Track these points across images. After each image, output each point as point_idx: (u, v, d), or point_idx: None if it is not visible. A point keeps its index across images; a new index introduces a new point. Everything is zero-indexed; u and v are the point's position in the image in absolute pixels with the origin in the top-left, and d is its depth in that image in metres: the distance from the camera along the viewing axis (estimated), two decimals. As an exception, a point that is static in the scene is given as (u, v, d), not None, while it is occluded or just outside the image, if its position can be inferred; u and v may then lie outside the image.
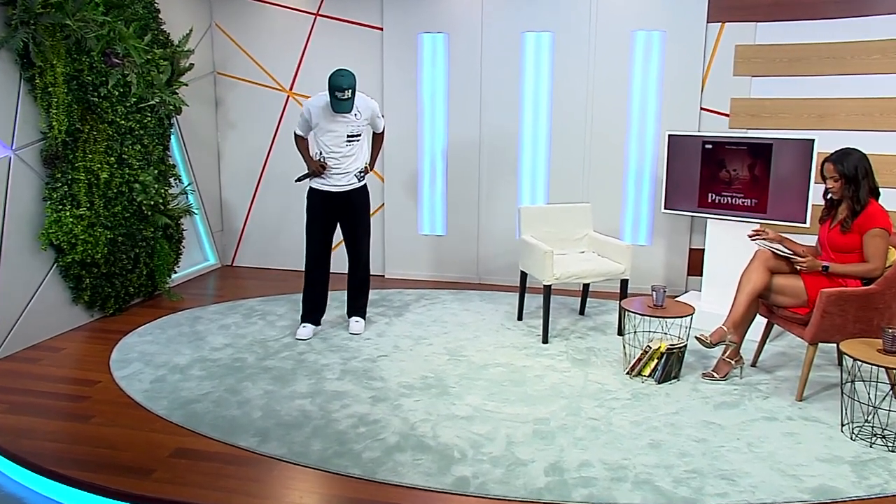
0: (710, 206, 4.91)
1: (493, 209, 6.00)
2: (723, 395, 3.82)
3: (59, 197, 4.58)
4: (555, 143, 5.78)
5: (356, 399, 3.76)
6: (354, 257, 4.77)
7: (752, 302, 3.87)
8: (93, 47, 4.60)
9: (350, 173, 4.55)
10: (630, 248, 4.73)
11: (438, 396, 3.79)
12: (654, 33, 5.46)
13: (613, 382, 3.98)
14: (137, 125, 5.13)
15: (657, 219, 5.67)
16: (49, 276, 4.66)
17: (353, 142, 4.51)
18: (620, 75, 5.56)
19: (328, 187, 4.56)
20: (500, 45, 5.73)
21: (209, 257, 6.57)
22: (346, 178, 4.55)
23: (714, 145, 4.84)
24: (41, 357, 4.37)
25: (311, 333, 4.73)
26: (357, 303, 4.90)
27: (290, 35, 6.19)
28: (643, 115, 5.59)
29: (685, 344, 4.00)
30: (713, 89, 5.41)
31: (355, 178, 4.58)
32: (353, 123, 4.46)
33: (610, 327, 4.93)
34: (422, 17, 5.84)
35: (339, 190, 4.56)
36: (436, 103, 5.97)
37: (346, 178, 4.55)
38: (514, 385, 3.94)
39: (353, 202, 4.62)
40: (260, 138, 6.43)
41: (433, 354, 4.42)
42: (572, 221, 5.13)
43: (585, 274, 4.69)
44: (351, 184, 4.58)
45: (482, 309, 5.36)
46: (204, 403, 3.70)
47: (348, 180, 4.56)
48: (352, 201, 4.62)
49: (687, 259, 5.68)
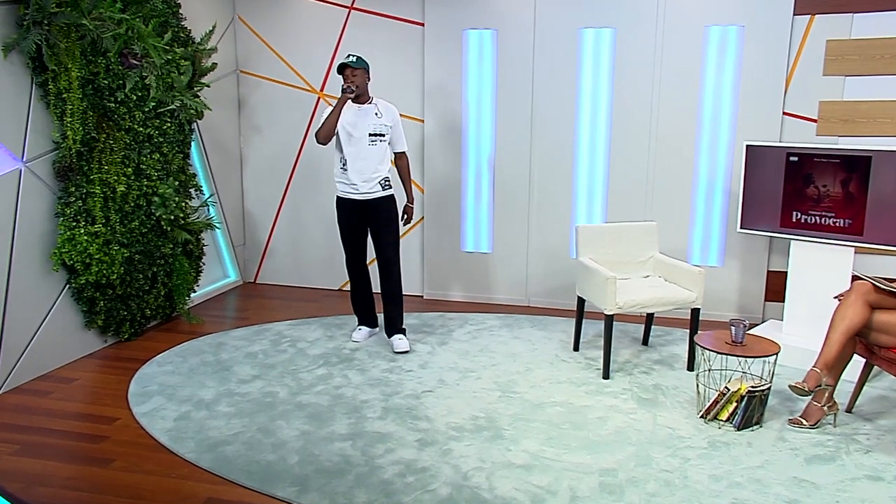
0: (795, 226, 4.83)
1: (545, 224, 5.98)
2: (815, 446, 3.74)
3: (73, 213, 4.64)
4: (615, 152, 5.74)
5: (401, 442, 3.75)
6: (384, 268, 5.05)
7: (847, 341, 3.79)
8: (109, 48, 4.66)
9: (374, 180, 4.85)
10: (702, 273, 4.66)
11: (491, 440, 3.77)
12: (730, 28, 5.40)
13: (686, 427, 3.92)
14: (156, 132, 5.18)
15: (730, 237, 5.60)
16: (60, 298, 4.73)
17: (376, 143, 4.84)
18: (691, 77, 5.51)
19: (353, 195, 4.88)
20: (555, 43, 5.71)
21: (230, 274, 6.63)
22: (370, 185, 4.86)
23: (800, 157, 4.77)
24: (52, 389, 4.43)
25: (366, 336, 5.28)
26: (394, 319, 5.10)
27: (320, 30, 6.23)
28: (716, 122, 5.53)
29: (769, 385, 3.93)
30: (799, 91, 5.33)
31: (379, 185, 4.87)
32: (374, 122, 4.83)
33: (678, 361, 4.87)
34: (468, 12, 5.84)
35: (364, 198, 4.88)
36: (482, 107, 5.96)
37: (369, 185, 4.86)
38: (574, 428, 3.91)
39: (378, 211, 4.93)
40: (287, 143, 6.48)
41: (482, 390, 4.40)
42: (636, 242, 5.08)
43: (652, 303, 4.64)
44: (375, 191, 4.88)
45: (534, 337, 5.34)
46: (235, 446, 3.71)
47: (371, 187, 4.86)
48: (377, 210, 4.93)
49: (765, 283, 5.61)
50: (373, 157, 4.83)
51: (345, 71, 4.76)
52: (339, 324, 5.58)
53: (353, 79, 4.74)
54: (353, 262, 5.11)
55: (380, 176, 4.87)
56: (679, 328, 5.41)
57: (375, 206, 4.91)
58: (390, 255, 5.02)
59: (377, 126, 4.83)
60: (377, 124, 4.84)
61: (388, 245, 5.00)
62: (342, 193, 4.92)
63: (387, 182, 4.91)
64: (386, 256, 5.01)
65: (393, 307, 5.10)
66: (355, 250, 5.08)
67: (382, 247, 4.99)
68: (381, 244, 4.99)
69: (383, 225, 4.97)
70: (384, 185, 4.89)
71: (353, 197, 4.88)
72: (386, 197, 4.93)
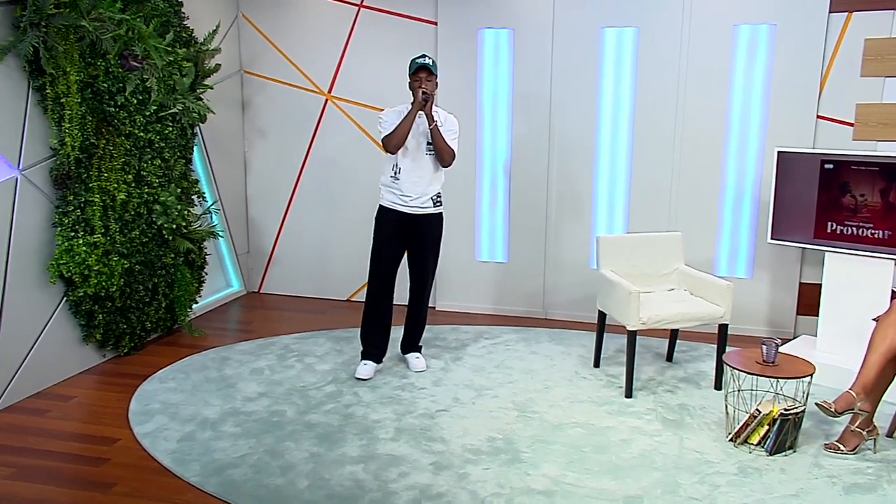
0: (830, 238, 4.81)
1: (564, 233, 5.97)
2: (854, 473, 3.70)
3: (71, 222, 4.65)
4: (637, 157, 5.73)
5: (415, 466, 3.74)
6: (418, 288, 4.91)
7: (887, 363, 3.75)
8: (109, 49, 4.67)
9: (427, 195, 4.71)
10: (731, 287, 4.63)
11: (510, 464, 3.76)
12: (761, 27, 5.38)
13: (715, 451, 3.90)
14: (157, 137, 5.19)
15: (759, 248, 5.58)
16: (57, 312, 4.73)
17: (432, 152, 4.67)
18: (719, 78, 5.49)
19: (401, 207, 4.70)
20: (575, 43, 5.70)
21: (233, 283, 6.65)
22: (423, 200, 4.71)
23: (836, 165, 4.74)
24: (49, 408, 4.43)
25: (372, 372, 4.87)
26: (415, 338, 5.04)
27: (329, 29, 6.24)
28: (745, 126, 5.51)
29: (803, 408, 3.90)
30: (834, 93, 5.31)
31: (431, 201, 4.74)
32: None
33: (705, 379, 4.85)
34: (483, 10, 5.84)
35: (414, 212, 4.71)
36: (498, 110, 5.96)
37: (422, 200, 4.71)
38: (596, 451, 3.89)
39: (427, 228, 4.78)
40: (293, 147, 6.49)
41: (499, 409, 4.39)
42: (660, 254, 5.06)
43: (677, 318, 4.62)
44: (426, 206, 4.73)
45: (552, 352, 5.33)
46: (241, 469, 3.71)
47: (424, 202, 4.71)
48: (426, 227, 4.77)
49: (796, 296, 5.58)
50: (429, 167, 4.68)
51: (420, 73, 4.58)
52: (347, 337, 5.58)
53: (429, 84, 4.57)
54: (383, 284, 4.83)
55: (434, 191, 4.74)
56: (705, 343, 5.38)
57: (423, 223, 4.76)
58: (427, 277, 4.89)
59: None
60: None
61: (428, 267, 4.86)
62: (388, 203, 4.73)
63: (439, 198, 4.77)
64: (422, 279, 4.88)
65: (415, 325, 5.04)
66: (388, 271, 4.82)
67: (421, 268, 4.85)
68: (421, 264, 4.84)
69: (429, 244, 4.82)
70: (436, 200, 4.76)
71: (400, 209, 4.70)
72: (437, 214, 4.80)
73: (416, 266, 4.87)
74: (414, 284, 4.92)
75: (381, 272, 4.82)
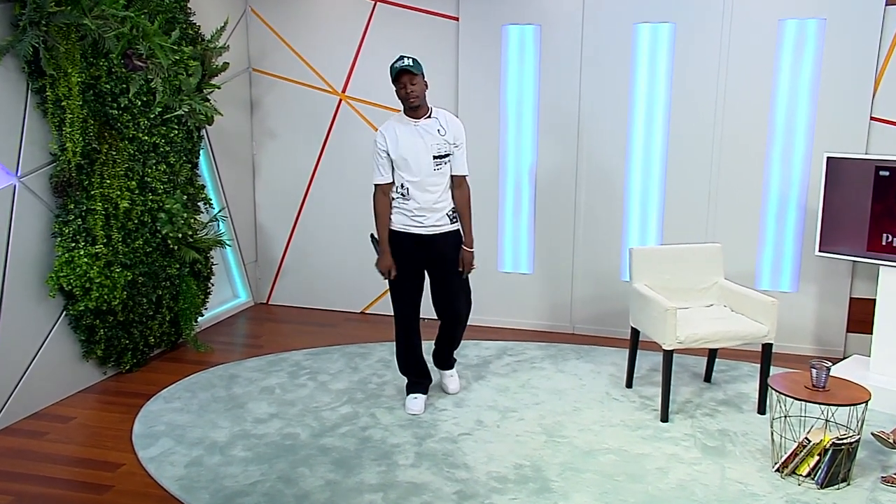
0: (886, 251, 4.75)
1: (593, 243, 5.94)
2: (912, 509, 3.67)
3: (72, 232, 4.66)
4: (672, 162, 5.70)
5: (438, 495, 3.72)
6: (450, 320, 4.70)
7: (949, 388, 3.71)
8: (112, 48, 4.67)
9: (441, 211, 4.46)
10: (776, 304, 4.58)
11: (538, 494, 3.74)
12: (809, 22, 5.34)
13: (760, 482, 3.86)
14: (162, 140, 5.21)
15: (805, 259, 5.53)
16: (56, 327, 4.75)
17: (441, 166, 4.43)
18: (762, 77, 5.45)
19: (415, 228, 4.47)
20: (607, 40, 5.68)
21: (240, 294, 6.66)
22: (436, 217, 4.46)
23: (892, 172, 4.69)
24: (47, 430, 4.44)
25: (423, 406, 4.66)
26: (448, 356, 4.89)
27: (342, 24, 6.24)
28: (791, 129, 5.47)
29: (858, 437, 3.85)
30: (890, 93, 5.26)
31: (447, 217, 4.50)
32: (437, 140, 4.40)
33: (747, 402, 4.80)
34: (507, 6, 5.83)
35: (429, 232, 4.48)
36: (523, 111, 5.94)
37: (435, 217, 4.46)
38: (630, 480, 3.86)
39: (445, 249, 4.53)
40: (304, 150, 6.50)
41: (526, 434, 4.37)
42: (698, 267, 5.02)
43: (717, 337, 4.57)
44: (442, 224, 4.49)
45: (580, 371, 5.29)
46: (253, 497, 3.70)
47: (438, 219, 4.47)
48: (443, 247, 4.52)
49: (847, 312, 5.53)
50: (440, 184, 4.42)
51: (402, 78, 4.29)
52: (363, 353, 5.57)
53: (415, 86, 4.29)
54: (408, 322, 4.62)
55: (448, 206, 4.49)
56: (747, 361, 5.33)
57: (442, 243, 4.49)
58: (460, 305, 4.65)
59: (441, 145, 4.39)
60: (441, 143, 4.39)
61: (457, 292, 4.61)
62: (400, 227, 4.46)
63: (454, 213, 4.53)
64: (455, 308, 4.64)
65: (450, 347, 4.84)
66: (413, 300, 4.59)
67: (450, 294, 4.60)
68: (449, 290, 4.59)
69: (452, 266, 4.54)
70: (452, 216, 4.51)
71: (414, 231, 4.45)
72: (455, 231, 4.54)
73: (442, 294, 4.62)
74: (447, 316, 4.67)
75: (406, 311, 4.61)
